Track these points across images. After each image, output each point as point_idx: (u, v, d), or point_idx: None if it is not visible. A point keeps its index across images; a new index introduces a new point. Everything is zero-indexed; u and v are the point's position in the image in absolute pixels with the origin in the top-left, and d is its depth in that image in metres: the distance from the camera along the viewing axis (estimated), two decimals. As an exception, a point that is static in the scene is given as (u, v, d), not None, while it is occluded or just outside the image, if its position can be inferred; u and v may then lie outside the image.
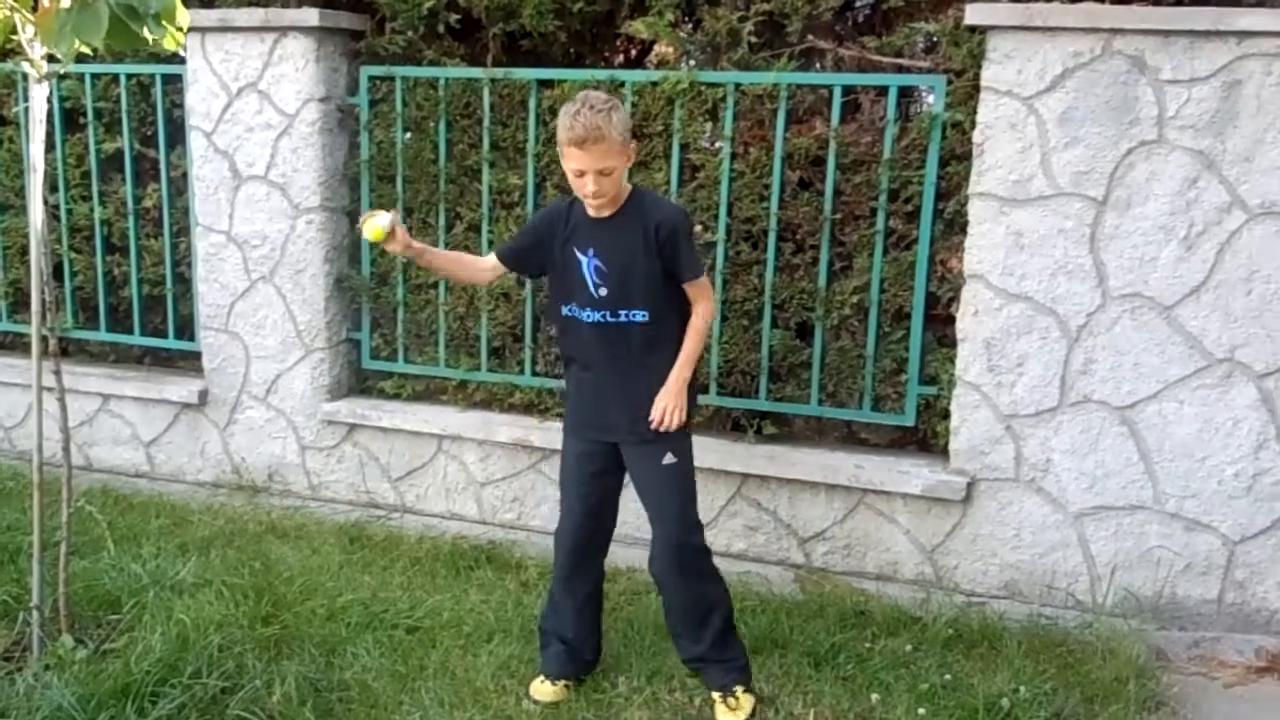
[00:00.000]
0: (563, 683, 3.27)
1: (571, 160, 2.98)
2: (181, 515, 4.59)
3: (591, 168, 2.95)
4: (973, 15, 3.74)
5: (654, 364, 3.14)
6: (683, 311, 3.16)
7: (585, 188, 3.00)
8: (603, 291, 3.10)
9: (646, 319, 3.11)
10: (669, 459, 3.15)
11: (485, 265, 3.40)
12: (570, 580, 3.32)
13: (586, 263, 3.10)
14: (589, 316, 3.13)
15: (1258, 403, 3.67)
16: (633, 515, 3.47)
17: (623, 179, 3.07)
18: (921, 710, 3.14)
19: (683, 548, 3.18)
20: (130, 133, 5.09)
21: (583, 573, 3.32)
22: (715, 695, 3.20)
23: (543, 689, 3.26)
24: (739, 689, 3.19)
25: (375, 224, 3.09)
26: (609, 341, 3.14)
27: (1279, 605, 3.75)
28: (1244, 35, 3.51)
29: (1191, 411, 3.73)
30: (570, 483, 3.30)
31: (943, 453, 4.12)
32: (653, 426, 3.09)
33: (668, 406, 3.09)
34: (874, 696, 3.23)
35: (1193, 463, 3.76)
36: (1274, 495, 3.70)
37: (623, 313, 3.10)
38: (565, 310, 3.18)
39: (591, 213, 3.09)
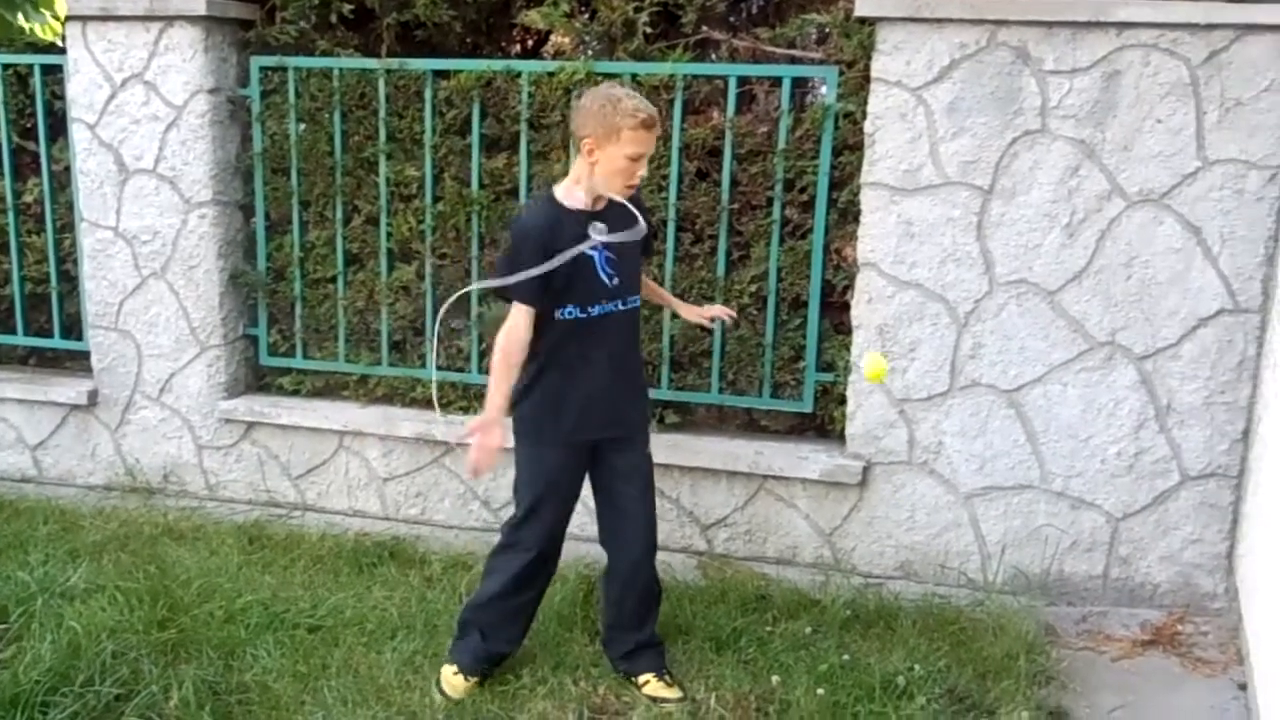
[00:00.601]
0: (474, 680, 3.25)
1: (637, 145, 2.92)
2: (72, 520, 4.46)
3: (650, 150, 2.97)
4: (862, 6, 3.80)
5: (637, 348, 3.26)
6: None
7: (638, 173, 2.97)
8: (615, 281, 3.07)
9: (637, 303, 3.18)
10: (649, 447, 3.20)
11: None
12: (525, 587, 3.25)
13: (599, 257, 3.04)
14: (601, 310, 3.06)
15: (1138, 384, 3.80)
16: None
17: None
18: (820, 690, 3.20)
19: (653, 531, 3.27)
20: (8, 125, 4.91)
21: (539, 581, 3.30)
22: (649, 677, 3.24)
23: (455, 681, 3.24)
24: (667, 673, 3.27)
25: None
26: (617, 331, 3.11)
27: (1161, 579, 3.90)
28: (1123, 26, 3.62)
29: (1075, 393, 3.85)
30: (554, 499, 3.18)
31: (840, 438, 4.19)
32: (726, 319, 3.53)
33: (719, 310, 3.48)
34: (774, 679, 3.29)
35: (1077, 443, 3.88)
36: (1154, 473, 3.84)
37: (629, 299, 3.13)
38: (565, 314, 3.04)
39: (617, 196, 3.00)
